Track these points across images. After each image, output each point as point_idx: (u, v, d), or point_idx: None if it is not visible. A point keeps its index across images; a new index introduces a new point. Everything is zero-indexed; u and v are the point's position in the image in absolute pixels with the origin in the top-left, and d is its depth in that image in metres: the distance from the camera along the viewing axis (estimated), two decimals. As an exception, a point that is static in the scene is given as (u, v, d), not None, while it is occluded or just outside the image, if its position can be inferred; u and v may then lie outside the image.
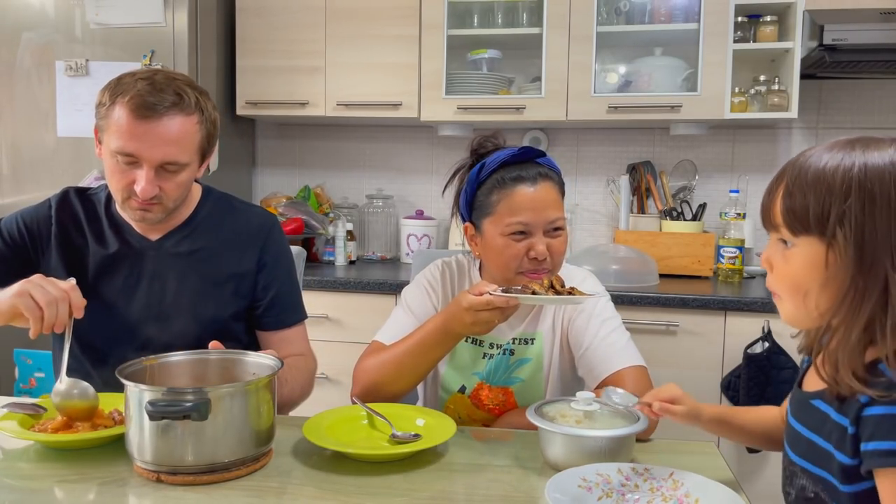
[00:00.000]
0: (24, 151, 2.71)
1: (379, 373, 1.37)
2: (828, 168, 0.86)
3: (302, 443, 1.21)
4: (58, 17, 2.66)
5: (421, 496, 1.05)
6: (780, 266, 0.91)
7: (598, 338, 1.41)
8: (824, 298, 0.87)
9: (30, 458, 1.16)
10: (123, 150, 1.34)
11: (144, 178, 1.35)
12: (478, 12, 2.86)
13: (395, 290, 2.55)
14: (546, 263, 1.38)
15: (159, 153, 1.35)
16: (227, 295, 1.51)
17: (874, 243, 0.83)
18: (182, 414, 1.02)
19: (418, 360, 1.34)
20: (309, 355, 1.61)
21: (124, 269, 1.48)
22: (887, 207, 0.83)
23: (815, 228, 0.86)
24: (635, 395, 1.18)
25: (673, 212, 2.82)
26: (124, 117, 1.33)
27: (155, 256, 1.49)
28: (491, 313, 1.22)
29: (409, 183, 3.24)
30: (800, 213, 0.87)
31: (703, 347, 2.38)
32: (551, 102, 2.71)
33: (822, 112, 2.90)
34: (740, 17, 2.66)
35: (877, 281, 0.83)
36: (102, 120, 1.37)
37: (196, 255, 1.50)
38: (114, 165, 1.37)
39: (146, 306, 1.47)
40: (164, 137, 1.34)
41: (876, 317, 0.84)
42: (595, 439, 1.10)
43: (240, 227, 1.55)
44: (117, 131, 1.33)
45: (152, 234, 1.50)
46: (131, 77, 1.36)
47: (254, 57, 2.92)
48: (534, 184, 1.37)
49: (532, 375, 1.46)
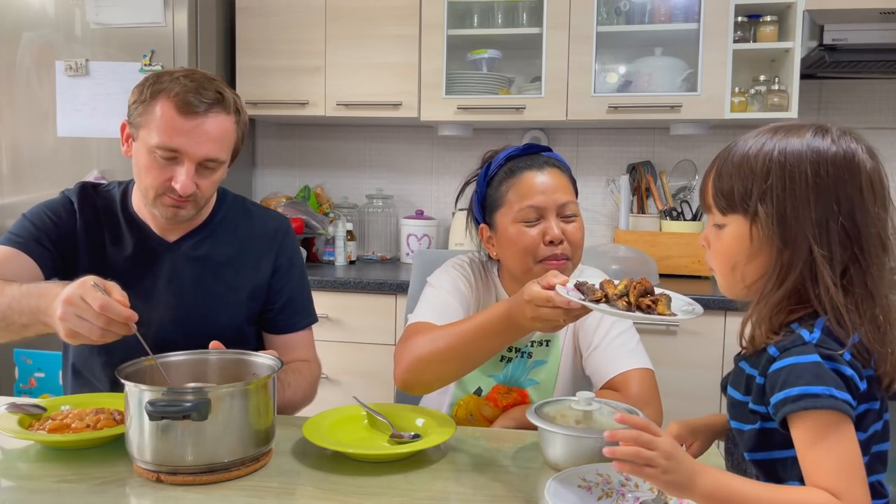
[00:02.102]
0: (24, 151, 2.71)
1: (430, 351, 1.25)
2: (751, 152, 0.94)
3: (302, 443, 1.21)
4: (58, 17, 2.66)
5: (421, 496, 1.05)
6: (714, 243, 0.99)
7: (608, 338, 1.40)
8: (750, 271, 0.95)
9: (30, 458, 1.16)
10: (167, 145, 1.33)
11: (185, 174, 1.35)
12: (478, 12, 2.86)
13: (395, 290, 2.55)
14: (564, 248, 1.35)
15: (202, 150, 1.35)
16: (243, 300, 1.52)
17: (795, 218, 0.90)
18: (182, 414, 1.02)
19: (477, 344, 1.21)
20: (314, 362, 1.61)
21: (141, 270, 1.47)
22: (805, 185, 0.89)
23: (739, 207, 0.94)
24: None
25: (673, 212, 2.82)
26: (169, 113, 1.33)
27: (173, 258, 1.48)
28: (553, 311, 1.08)
29: (409, 183, 3.24)
30: (726, 194, 0.95)
31: (703, 347, 2.38)
32: (551, 102, 2.71)
33: (822, 112, 2.90)
34: (740, 17, 2.66)
35: (801, 254, 0.90)
36: (140, 116, 1.36)
37: (213, 259, 1.50)
38: (151, 161, 1.36)
39: (163, 310, 1.45)
40: (209, 134, 1.35)
41: (803, 286, 0.90)
42: (595, 439, 1.10)
43: (256, 232, 1.55)
44: (160, 127, 1.33)
45: (170, 236, 1.49)
46: (170, 75, 1.36)
47: (254, 57, 2.92)
48: (541, 169, 1.39)
49: (547, 377, 1.45)
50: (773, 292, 0.92)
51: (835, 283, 0.88)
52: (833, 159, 0.90)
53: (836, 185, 0.89)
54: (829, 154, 0.90)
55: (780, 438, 0.90)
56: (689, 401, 2.36)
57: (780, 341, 0.90)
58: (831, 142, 0.91)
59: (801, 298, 0.91)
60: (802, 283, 0.90)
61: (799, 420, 0.85)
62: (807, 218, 0.89)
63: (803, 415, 0.84)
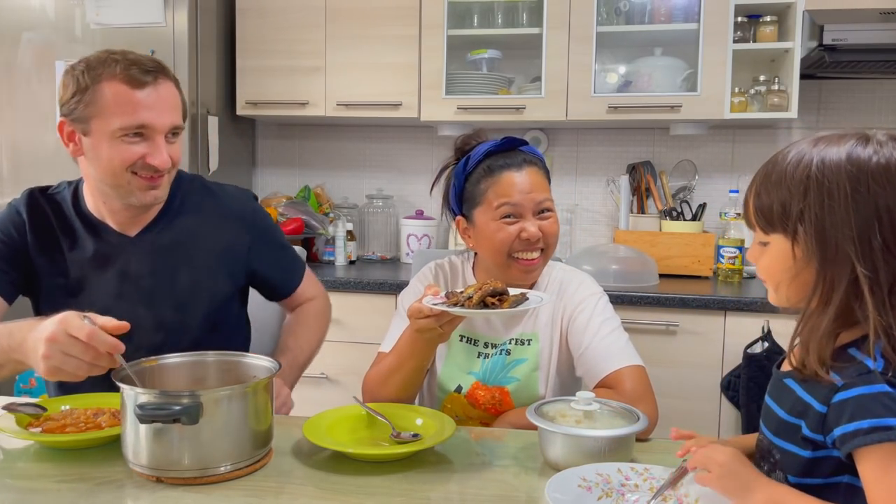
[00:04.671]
0: (24, 151, 2.71)
1: (378, 384, 1.39)
2: (789, 167, 0.89)
3: (302, 443, 1.21)
4: (58, 17, 2.66)
5: (421, 496, 1.05)
6: (759, 260, 0.96)
7: (598, 337, 1.41)
8: (794, 290, 0.92)
9: (30, 458, 1.16)
10: (133, 123, 1.28)
11: (159, 147, 1.31)
12: (478, 12, 2.86)
13: (395, 290, 2.55)
14: (539, 244, 1.42)
15: (167, 119, 1.32)
16: (222, 277, 1.49)
17: (836, 236, 0.85)
18: (172, 417, 1.00)
19: (403, 368, 1.34)
20: (320, 296, 1.68)
21: (106, 271, 1.41)
22: (843, 201, 0.85)
23: (779, 225, 0.90)
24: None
25: (673, 212, 2.82)
26: (122, 91, 1.27)
27: (139, 253, 1.43)
28: (426, 321, 1.20)
29: (409, 183, 3.24)
30: (766, 212, 0.92)
31: (702, 347, 2.38)
32: (551, 102, 2.71)
33: (821, 112, 2.90)
34: (740, 17, 2.66)
35: (843, 272, 0.85)
36: (86, 108, 1.29)
37: (182, 244, 1.46)
38: (115, 148, 1.30)
39: (136, 308, 1.40)
40: (167, 102, 1.32)
41: (849, 306, 0.86)
42: (595, 439, 1.10)
43: (223, 213, 1.51)
44: (118, 108, 1.28)
45: (131, 230, 1.43)
46: (97, 60, 1.30)
47: (254, 57, 2.92)
48: (520, 168, 1.43)
49: (528, 375, 1.46)
50: (820, 314, 0.88)
51: (882, 303, 0.84)
52: (874, 170, 0.85)
53: (877, 198, 0.84)
54: (869, 165, 0.85)
55: (831, 466, 0.88)
56: (689, 401, 2.36)
57: (843, 369, 0.85)
58: (873, 151, 0.86)
59: (851, 319, 0.87)
60: (848, 303, 0.86)
61: (869, 452, 0.82)
62: (847, 235, 0.84)
63: (874, 447, 0.81)
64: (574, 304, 1.46)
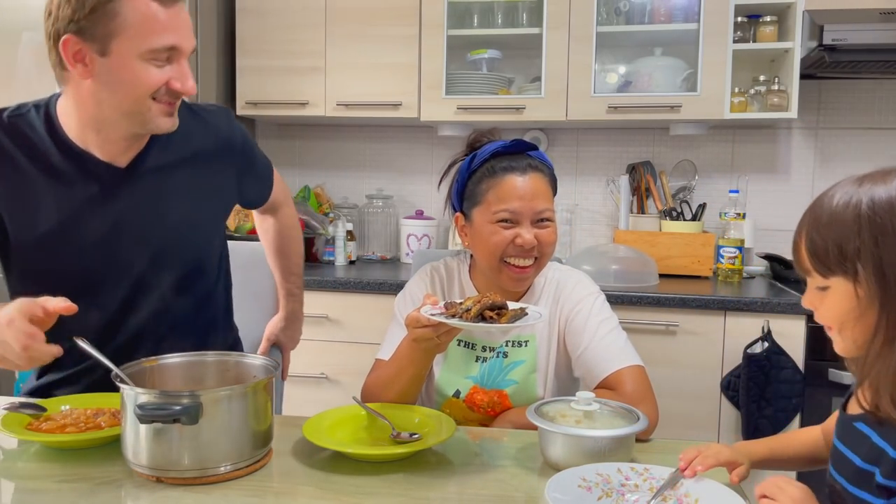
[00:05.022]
0: (23, 151, 2.71)
1: (376, 391, 1.38)
2: (838, 208, 0.89)
3: (302, 443, 1.21)
4: (58, 17, 2.65)
5: (420, 496, 1.05)
6: (819, 307, 0.95)
7: (597, 338, 1.41)
8: (859, 331, 0.91)
9: (30, 458, 1.16)
10: (165, 44, 1.18)
11: (186, 71, 1.23)
12: (478, 12, 2.86)
13: (395, 290, 2.54)
14: (533, 252, 1.40)
15: (191, 42, 1.24)
16: (213, 203, 1.44)
17: (893, 273, 0.86)
18: (172, 417, 1.01)
19: (401, 376, 1.33)
20: (287, 203, 1.67)
21: (95, 208, 1.29)
22: None
23: (838, 268, 0.90)
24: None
25: (673, 212, 2.82)
26: (153, 8, 1.16)
27: (134, 183, 1.32)
28: (423, 331, 1.19)
29: (409, 183, 3.24)
30: (822, 257, 0.91)
31: (702, 347, 2.38)
32: (551, 102, 2.71)
33: (821, 112, 2.90)
34: (740, 17, 2.66)
35: None
36: (104, 24, 1.14)
37: (180, 168, 1.36)
38: (142, 71, 1.18)
39: (135, 245, 1.32)
40: (190, 25, 1.25)
41: None
42: (595, 439, 1.10)
43: (209, 139, 1.42)
44: (148, 27, 1.15)
45: (121, 160, 1.30)
46: None
47: (254, 57, 2.92)
48: (523, 174, 1.40)
49: (525, 377, 1.46)
50: (889, 354, 0.87)
51: None
52: None
53: None
54: None
55: None
56: (689, 401, 2.36)
57: None
58: None
59: None
60: None
61: None
62: None
63: None
64: (571, 304, 1.46)
